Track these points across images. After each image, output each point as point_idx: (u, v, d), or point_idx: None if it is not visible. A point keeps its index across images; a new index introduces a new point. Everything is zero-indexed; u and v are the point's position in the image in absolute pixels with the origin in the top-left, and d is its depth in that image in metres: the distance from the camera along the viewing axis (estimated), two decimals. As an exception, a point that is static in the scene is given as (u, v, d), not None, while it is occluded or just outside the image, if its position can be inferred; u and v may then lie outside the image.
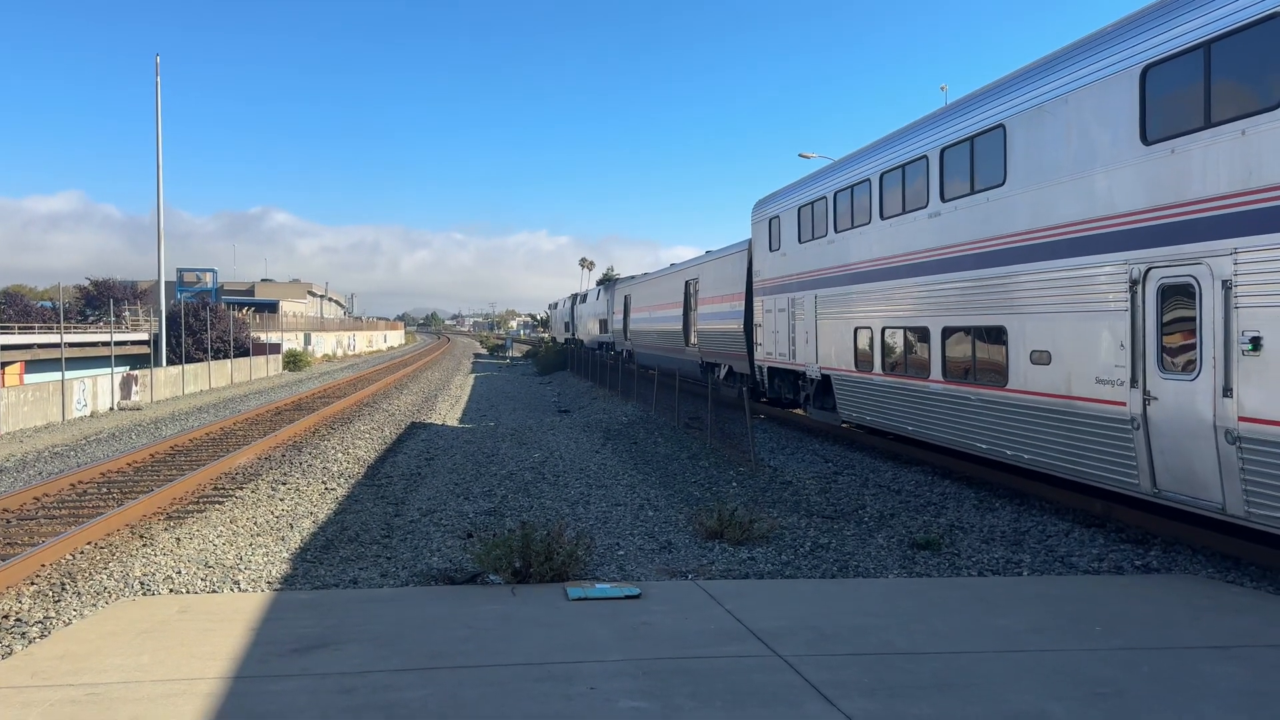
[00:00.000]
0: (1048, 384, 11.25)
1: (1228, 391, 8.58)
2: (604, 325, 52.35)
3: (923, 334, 14.29)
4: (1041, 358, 11.36)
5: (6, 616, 8.33)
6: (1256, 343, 8.27)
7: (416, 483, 15.85)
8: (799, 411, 21.57)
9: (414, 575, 9.68)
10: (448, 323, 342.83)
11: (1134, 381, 9.76)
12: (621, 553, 10.65)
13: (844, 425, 18.84)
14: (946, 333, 13.65)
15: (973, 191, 12.94)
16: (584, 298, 65.98)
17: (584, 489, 14.90)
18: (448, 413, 30.85)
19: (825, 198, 18.29)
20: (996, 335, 12.37)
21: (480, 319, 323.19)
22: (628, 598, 8.12)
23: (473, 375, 55.88)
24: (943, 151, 13.71)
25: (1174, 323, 9.31)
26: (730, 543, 10.81)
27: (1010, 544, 10.81)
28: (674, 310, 33.41)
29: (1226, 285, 8.59)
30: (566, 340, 70.18)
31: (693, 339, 31.02)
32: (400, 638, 6.98)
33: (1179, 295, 9.21)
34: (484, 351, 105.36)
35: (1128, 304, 9.85)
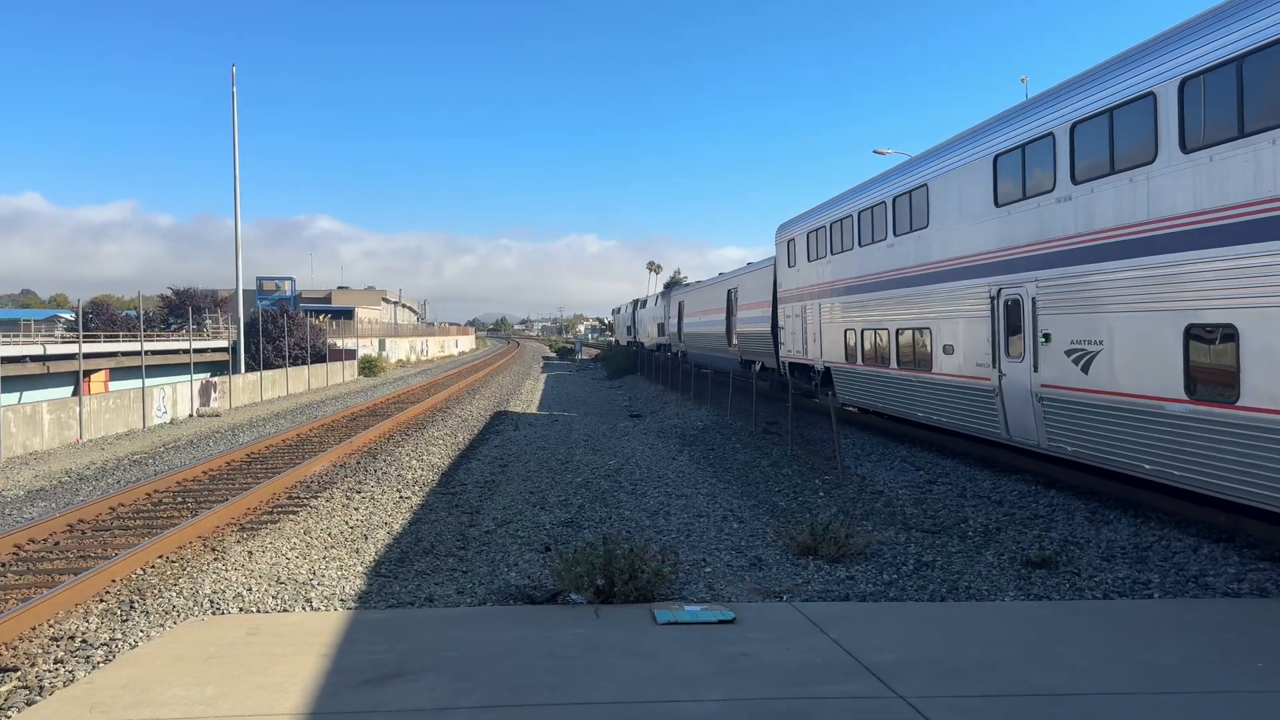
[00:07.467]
0: (953, 367, 15.51)
1: (1036, 369, 12.83)
2: (661, 329, 57.20)
3: (884, 333, 18.57)
4: (949, 349, 15.61)
5: (73, 637, 8.03)
6: (1047, 337, 12.56)
7: (491, 490, 15.43)
8: (818, 401, 23.66)
9: (491, 592, 9.18)
10: (517, 327, 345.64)
11: (994, 363, 14.02)
12: (709, 569, 10.01)
13: (849, 409, 22.40)
14: (898, 332, 17.87)
15: (912, 230, 17.26)
16: (644, 303, 70.45)
17: (663, 498, 14.31)
18: (520, 418, 30.55)
19: (824, 226, 22.48)
20: (926, 333, 16.56)
21: (549, 323, 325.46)
22: (721, 622, 7.49)
23: (543, 378, 55.75)
24: (894, 199, 18.18)
25: (1013, 324, 13.57)
26: (825, 559, 10.08)
27: (1134, 561, 9.88)
28: (719, 315, 37.74)
29: (1034, 300, 12.87)
30: (629, 343, 76.03)
31: (734, 340, 34.84)
32: (479, 667, 6.45)
33: (1014, 307, 13.49)
34: (552, 355, 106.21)
35: (990, 312, 14.10)
